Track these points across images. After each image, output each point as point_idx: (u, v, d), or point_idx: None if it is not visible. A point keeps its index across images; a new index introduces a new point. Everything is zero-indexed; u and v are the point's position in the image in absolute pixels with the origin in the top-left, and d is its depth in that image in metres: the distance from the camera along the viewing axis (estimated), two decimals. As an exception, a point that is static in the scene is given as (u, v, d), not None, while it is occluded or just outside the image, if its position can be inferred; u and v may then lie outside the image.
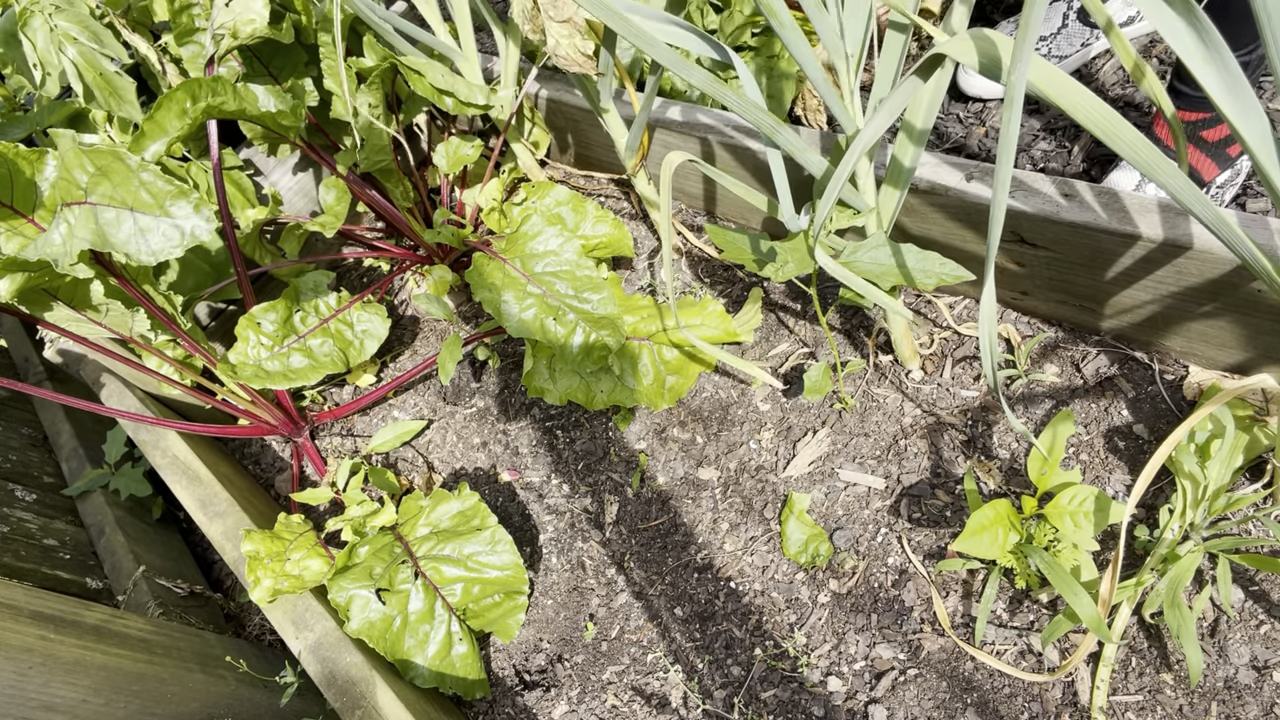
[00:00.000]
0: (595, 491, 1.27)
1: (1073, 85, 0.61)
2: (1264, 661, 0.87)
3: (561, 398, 1.23)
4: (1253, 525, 0.93)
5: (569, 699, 1.11)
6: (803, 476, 1.15)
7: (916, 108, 0.83)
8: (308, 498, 1.30)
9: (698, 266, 1.40)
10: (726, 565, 1.13)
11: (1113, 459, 1.02)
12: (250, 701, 1.15)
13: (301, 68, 1.33)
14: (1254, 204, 1.15)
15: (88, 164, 0.95)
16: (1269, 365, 0.96)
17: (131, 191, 0.94)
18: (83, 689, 0.92)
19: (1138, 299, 0.98)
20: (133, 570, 1.35)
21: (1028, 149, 1.32)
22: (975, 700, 0.94)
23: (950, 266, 0.89)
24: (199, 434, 1.40)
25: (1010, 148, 0.63)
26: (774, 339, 1.29)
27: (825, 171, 0.90)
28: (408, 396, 1.49)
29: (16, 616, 0.90)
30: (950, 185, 1.00)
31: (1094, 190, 0.93)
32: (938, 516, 1.06)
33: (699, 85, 0.81)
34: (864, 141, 0.76)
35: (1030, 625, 0.96)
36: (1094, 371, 1.07)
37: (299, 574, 1.10)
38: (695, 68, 0.80)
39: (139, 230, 0.94)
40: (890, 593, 1.04)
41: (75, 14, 1.13)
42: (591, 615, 1.17)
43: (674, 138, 1.30)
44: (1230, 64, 0.55)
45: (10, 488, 1.43)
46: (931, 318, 1.20)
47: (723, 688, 1.05)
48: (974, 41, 0.66)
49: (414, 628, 1.09)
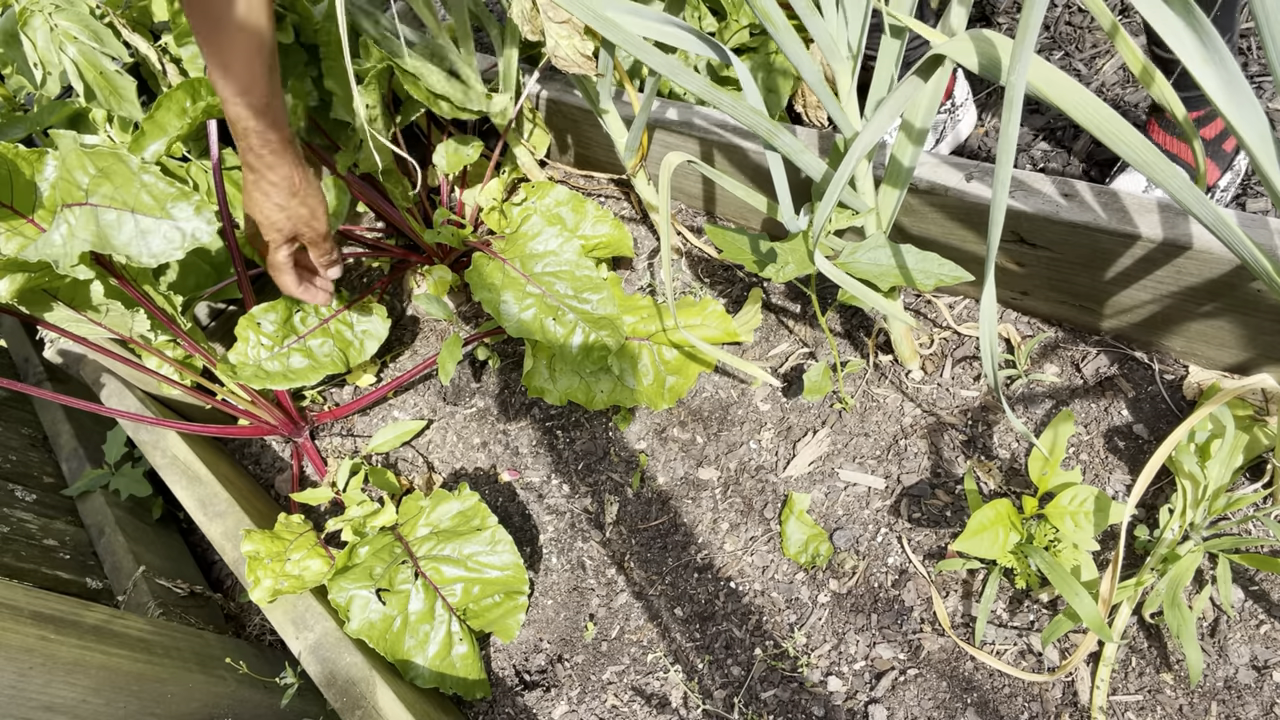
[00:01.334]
0: (595, 491, 1.27)
1: (1073, 86, 0.61)
2: (1264, 661, 0.87)
3: (561, 398, 1.23)
4: (1253, 525, 0.93)
5: (569, 699, 1.11)
6: (803, 476, 1.15)
7: (915, 108, 0.83)
8: (308, 498, 1.30)
9: (698, 267, 1.40)
10: (726, 565, 1.13)
11: (1113, 459, 1.02)
12: (250, 701, 1.15)
13: (301, 68, 1.33)
14: (1254, 204, 1.15)
15: (89, 165, 0.95)
16: (1269, 365, 0.96)
17: (133, 193, 0.94)
18: (83, 689, 0.92)
19: (1138, 299, 0.98)
20: (133, 570, 1.35)
21: (1027, 149, 1.32)
22: (975, 700, 0.94)
23: (949, 267, 0.89)
24: (199, 434, 1.40)
25: (1010, 148, 0.63)
26: (774, 339, 1.29)
27: (824, 174, 0.90)
28: (408, 396, 1.49)
29: (17, 617, 0.90)
30: (950, 185, 1.00)
31: (1094, 190, 0.93)
32: (938, 516, 1.06)
33: (696, 91, 0.81)
34: (863, 145, 0.76)
35: (1030, 625, 0.96)
36: (1094, 371, 1.07)
37: (299, 574, 1.10)
38: (692, 74, 0.80)
39: (140, 232, 0.94)
40: (890, 593, 1.04)
41: (75, 13, 1.13)
42: (591, 615, 1.17)
43: (674, 138, 1.30)
44: (1230, 64, 0.55)
45: (10, 488, 1.43)
46: (931, 318, 1.20)
47: (723, 688, 1.05)
48: (974, 42, 0.66)
49: (414, 628, 1.09)
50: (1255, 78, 1.25)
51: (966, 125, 1.36)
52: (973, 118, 1.37)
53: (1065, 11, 1.45)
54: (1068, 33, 1.42)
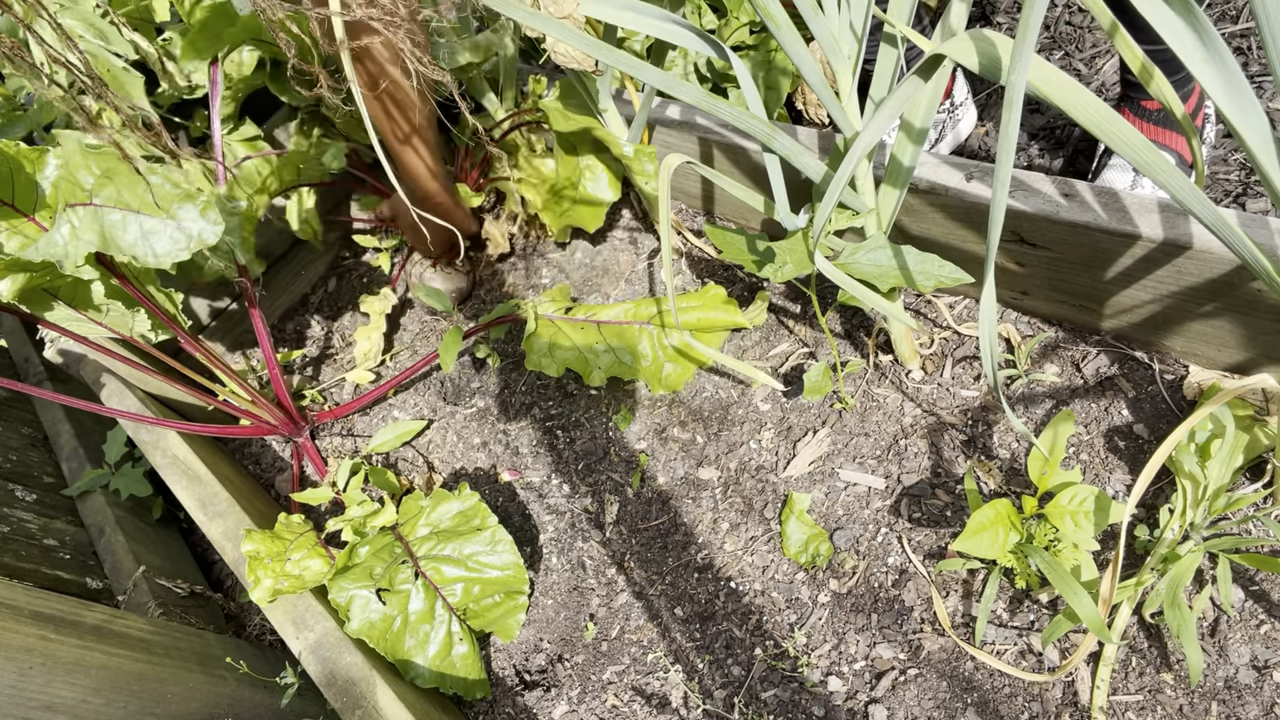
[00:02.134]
0: (595, 491, 1.27)
1: (1073, 85, 0.61)
2: (1264, 661, 0.87)
3: (559, 369, 1.23)
4: (1253, 525, 0.93)
5: (569, 699, 1.11)
6: (803, 476, 1.15)
7: (916, 107, 0.83)
8: (308, 498, 1.30)
9: (698, 267, 1.40)
10: (727, 565, 1.13)
11: (1113, 459, 1.02)
12: (251, 701, 1.15)
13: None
14: (1254, 204, 1.15)
15: (93, 166, 0.95)
16: (1269, 365, 0.96)
17: (138, 194, 0.95)
18: (83, 689, 0.92)
19: (1138, 299, 0.98)
20: (133, 570, 1.35)
21: (1025, 148, 1.32)
22: (975, 700, 0.94)
23: (949, 269, 0.89)
24: (199, 434, 1.40)
25: (1010, 147, 0.63)
26: (774, 339, 1.29)
27: (824, 175, 0.90)
28: (408, 396, 1.49)
29: (17, 616, 0.90)
30: (950, 185, 1.00)
31: (1094, 190, 0.93)
32: (938, 516, 1.06)
33: (691, 102, 0.81)
34: (863, 145, 0.76)
35: (1030, 625, 0.96)
36: (1094, 371, 1.07)
37: (299, 574, 1.10)
38: (686, 85, 0.80)
39: (145, 233, 0.94)
40: (890, 593, 1.04)
41: (80, 12, 1.13)
42: (592, 615, 1.17)
43: (673, 137, 1.30)
44: (1230, 64, 0.55)
45: (10, 488, 1.43)
46: (931, 318, 1.20)
47: (723, 687, 1.05)
48: (974, 42, 0.66)
49: (414, 628, 1.09)
50: (1255, 78, 1.25)
51: (966, 125, 1.36)
52: (973, 117, 1.37)
53: (1065, 11, 1.45)
54: (1068, 33, 1.42)
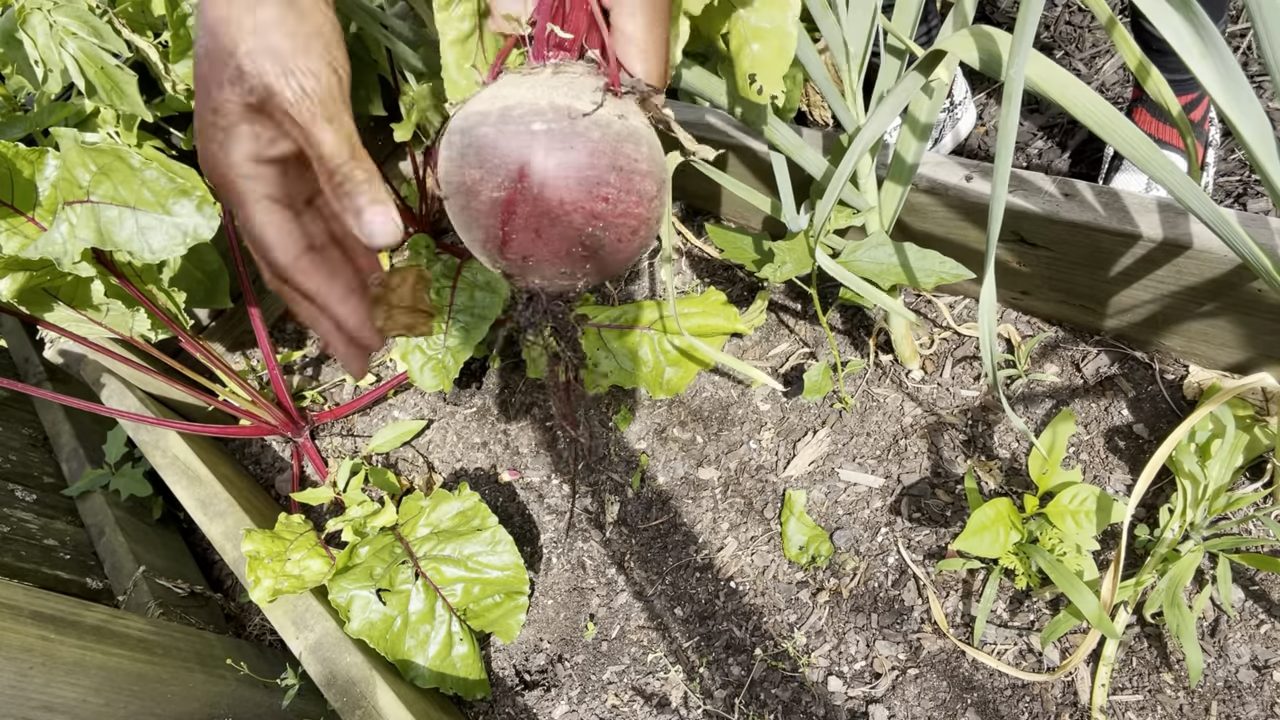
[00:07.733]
0: (596, 491, 1.27)
1: (1071, 81, 0.61)
2: (1264, 661, 0.87)
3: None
4: (1253, 525, 0.93)
5: (569, 699, 1.11)
6: (803, 476, 1.15)
7: (919, 103, 0.83)
8: (308, 498, 1.30)
9: (698, 267, 1.40)
10: (727, 565, 1.13)
11: (1113, 458, 1.02)
12: (251, 701, 1.15)
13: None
14: (1254, 204, 1.15)
15: (90, 162, 0.95)
16: (1269, 365, 0.96)
17: (134, 190, 0.95)
18: (83, 689, 0.92)
19: (1138, 298, 0.98)
20: (133, 570, 1.35)
21: (1024, 147, 1.32)
22: (975, 700, 0.94)
23: (950, 265, 0.89)
24: (199, 434, 1.40)
25: (1009, 144, 0.63)
26: (774, 339, 1.29)
27: (825, 171, 0.90)
28: (408, 396, 1.49)
29: (17, 616, 0.90)
30: (951, 183, 1.00)
31: (1094, 189, 0.93)
32: (938, 516, 1.06)
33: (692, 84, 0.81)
34: (866, 139, 0.76)
35: (1030, 625, 0.96)
36: (1094, 371, 1.07)
37: (299, 574, 1.10)
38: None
39: (141, 229, 0.94)
40: (890, 592, 1.03)
41: (74, 9, 1.13)
42: (592, 615, 1.17)
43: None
44: (1229, 61, 0.55)
45: (10, 488, 1.43)
46: (931, 317, 1.20)
47: (723, 687, 1.05)
48: (973, 38, 0.66)
49: (414, 628, 1.09)
50: (1255, 77, 1.25)
51: (966, 124, 1.36)
52: (973, 116, 1.37)
53: (1065, 11, 1.45)
54: (1067, 32, 1.42)
